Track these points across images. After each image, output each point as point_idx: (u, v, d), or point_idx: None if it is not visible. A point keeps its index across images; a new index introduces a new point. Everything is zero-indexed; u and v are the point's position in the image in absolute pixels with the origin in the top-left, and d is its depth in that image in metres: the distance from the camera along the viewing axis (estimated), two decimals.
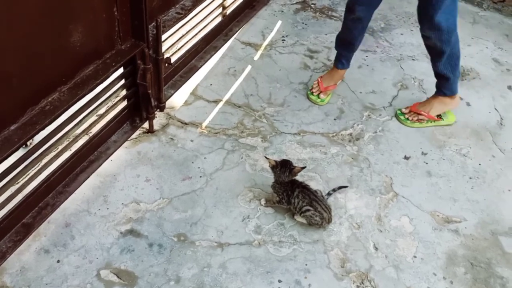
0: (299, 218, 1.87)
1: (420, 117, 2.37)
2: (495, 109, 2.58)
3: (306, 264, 1.75)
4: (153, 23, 1.93)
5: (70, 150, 1.80)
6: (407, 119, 2.38)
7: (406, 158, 2.23)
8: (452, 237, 1.91)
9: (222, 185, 1.99)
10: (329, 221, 1.84)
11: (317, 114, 2.40)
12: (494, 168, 2.23)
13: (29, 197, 1.63)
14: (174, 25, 2.11)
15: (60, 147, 1.73)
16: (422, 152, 2.27)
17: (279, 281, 1.69)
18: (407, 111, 2.41)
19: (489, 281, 1.77)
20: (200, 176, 2.01)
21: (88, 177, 1.86)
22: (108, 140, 2.00)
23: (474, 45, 3.03)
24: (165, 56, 2.07)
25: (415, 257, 1.83)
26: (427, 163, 2.22)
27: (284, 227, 1.87)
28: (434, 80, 2.64)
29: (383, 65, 2.79)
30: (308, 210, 1.79)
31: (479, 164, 2.25)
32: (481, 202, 2.07)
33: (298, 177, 1.87)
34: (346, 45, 2.39)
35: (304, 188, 1.82)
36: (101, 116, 1.90)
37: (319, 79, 2.47)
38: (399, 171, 2.16)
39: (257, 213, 1.91)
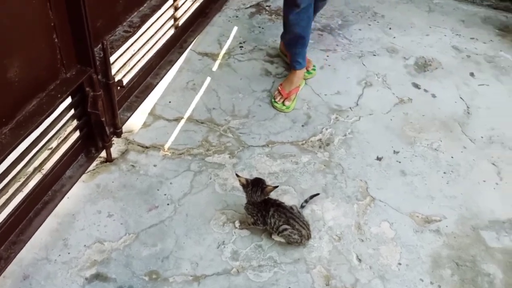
0: (277, 238, 1.77)
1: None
2: (461, 98, 2.56)
3: (289, 287, 1.65)
4: (99, 46, 1.78)
5: (22, 192, 1.64)
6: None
7: (378, 159, 2.17)
8: (434, 238, 1.86)
9: (192, 210, 1.87)
10: (309, 237, 1.76)
11: (284, 122, 2.31)
12: (467, 160, 2.20)
13: None
14: (123, 45, 1.97)
15: (10, 191, 1.57)
16: (394, 151, 2.22)
17: None
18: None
19: (476, 280, 1.73)
20: (168, 204, 1.89)
21: (44, 220, 1.70)
22: (63, 176, 1.84)
23: (432, 34, 3.02)
24: (117, 78, 1.93)
25: (399, 264, 1.76)
26: (400, 162, 2.17)
27: (262, 249, 1.77)
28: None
29: (345, 63, 2.72)
30: (286, 229, 1.70)
31: (452, 157, 2.21)
32: (458, 197, 2.03)
33: (272, 193, 1.76)
34: (298, 42, 2.31)
35: (279, 206, 1.72)
36: (53, 151, 1.74)
37: (279, 87, 2.39)
38: (373, 174, 2.10)
39: (232, 237, 1.80)
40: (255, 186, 1.69)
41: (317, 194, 1.95)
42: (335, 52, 2.81)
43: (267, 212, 1.71)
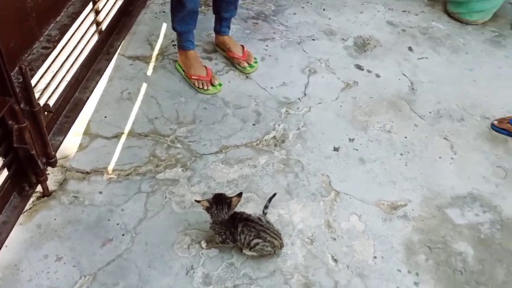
0: (248, 252, 1.66)
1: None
2: (403, 74, 2.56)
3: None
4: (16, 70, 1.55)
5: None
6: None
7: (335, 149, 2.11)
8: (403, 224, 1.84)
9: (152, 237, 1.71)
10: (281, 246, 1.66)
11: (233, 123, 2.18)
12: (420, 138, 2.20)
13: None
14: (43, 63, 1.73)
15: None
16: (349, 139, 2.17)
17: None
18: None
19: (450, 261, 1.73)
20: (123, 234, 1.71)
21: None
22: None
23: (366, 11, 3.00)
24: (42, 102, 1.70)
25: (375, 257, 1.72)
26: (357, 150, 2.12)
27: (234, 267, 1.65)
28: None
29: (285, 52, 2.63)
30: (257, 243, 1.59)
31: (405, 137, 2.20)
32: (418, 177, 2.03)
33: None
34: (190, 18, 2.19)
35: (246, 220, 1.61)
36: None
37: (193, 77, 2.30)
38: (333, 166, 2.04)
39: (201, 259, 1.66)
40: (219, 204, 1.55)
41: (274, 195, 1.84)
42: (274, 41, 2.70)
43: (235, 229, 1.59)
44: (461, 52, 2.73)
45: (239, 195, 1.60)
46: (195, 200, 1.59)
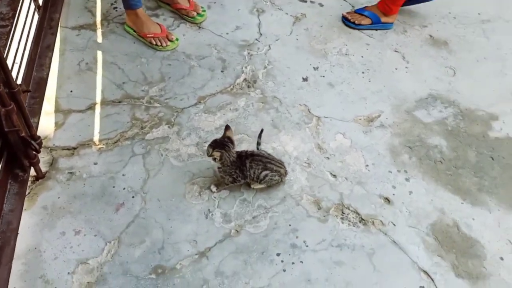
0: (256, 186, 1.76)
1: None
2: (344, 0, 2.69)
3: (289, 225, 1.69)
4: None
5: None
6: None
7: (304, 79, 2.23)
8: (382, 132, 2.03)
9: (161, 193, 1.75)
10: (286, 174, 1.78)
11: (202, 74, 2.21)
12: (375, 55, 2.38)
13: None
14: (8, 42, 1.64)
15: None
16: (314, 68, 2.29)
17: (278, 254, 1.62)
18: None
19: (429, 154, 1.95)
20: (133, 197, 1.73)
21: (10, 268, 1.45)
22: (3, 213, 1.56)
23: None
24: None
25: (367, 165, 1.90)
26: (323, 76, 2.26)
27: (248, 201, 1.75)
28: None
29: None
30: (267, 174, 1.69)
31: (362, 57, 2.37)
32: (383, 89, 2.21)
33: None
34: None
35: (252, 156, 1.70)
36: None
37: (148, 35, 2.27)
38: (307, 95, 2.16)
39: (215, 202, 1.74)
40: (226, 146, 1.63)
41: (262, 130, 1.90)
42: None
43: (244, 166, 1.67)
44: None
45: (227, 127, 1.68)
46: (209, 153, 1.63)
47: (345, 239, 1.67)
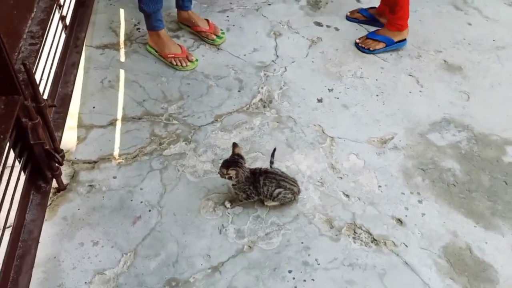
0: (270, 203, 1.80)
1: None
2: (359, 24, 2.75)
3: (302, 243, 1.72)
4: (19, 67, 1.55)
5: None
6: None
7: (319, 101, 2.28)
8: (395, 154, 2.05)
9: (177, 208, 1.79)
10: (299, 192, 1.81)
11: (220, 93, 2.28)
12: (389, 78, 2.42)
13: None
14: (36, 60, 1.73)
15: None
16: (329, 89, 2.34)
17: (289, 271, 1.64)
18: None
19: (442, 177, 1.97)
20: (149, 210, 1.78)
21: (30, 275, 1.50)
22: (25, 222, 1.62)
23: None
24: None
25: (380, 186, 1.93)
26: (338, 98, 2.30)
27: (261, 218, 1.79)
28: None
29: (247, 19, 2.73)
30: (280, 192, 1.73)
31: (376, 80, 2.41)
32: (397, 112, 2.25)
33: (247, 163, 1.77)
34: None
35: (266, 173, 1.74)
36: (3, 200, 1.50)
37: (169, 56, 2.36)
38: (321, 115, 2.20)
39: (229, 218, 1.78)
40: (238, 163, 1.67)
41: (275, 149, 1.93)
42: (233, 11, 2.79)
43: (257, 183, 1.71)
44: None
45: (234, 145, 1.74)
46: (223, 174, 1.67)
47: (357, 259, 1.68)
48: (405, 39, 2.53)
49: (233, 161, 1.71)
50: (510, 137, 2.15)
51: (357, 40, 2.58)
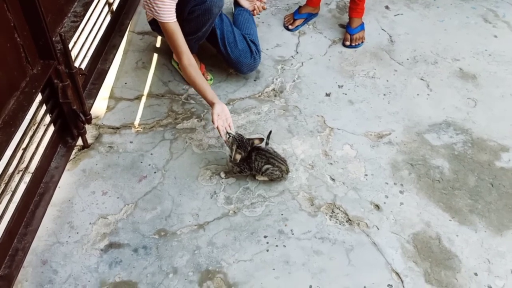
0: (260, 178, 1.99)
1: None
2: (382, 29, 2.88)
3: (282, 214, 1.90)
4: (56, 38, 1.86)
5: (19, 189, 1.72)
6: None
7: (327, 95, 2.44)
8: (388, 149, 2.17)
9: (179, 173, 2.04)
10: (288, 171, 2.00)
11: (237, 81, 2.50)
12: (400, 80, 2.53)
13: None
14: (74, 35, 2.04)
15: (11, 189, 1.65)
16: (339, 86, 2.49)
17: (265, 236, 1.83)
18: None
19: (429, 173, 2.07)
20: (155, 172, 2.04)
21: (45, 210, 1.80)
22: (49, 168, 1.93)
23: None
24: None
25: (366, 175, 2.06)
26: (346, 94, 2.45)
27: (250, 190, 1.99)
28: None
29: (276, 18, 2.94)
30: (268, 168, 1.92)
31: (387, 81, 2.53)
32: (400, 112, 2.36)
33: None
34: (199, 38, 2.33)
35: (258, 149, 1.94)
36: (36, 147, 1.82)
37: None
38: (326, 108, 2.36)
39: (221, 186, 2.00)
40: (246, 149, 1.89)
41: (270, 132, 2.11)
42: (265, 9, 3.00)
43: (250, 158, 1.92)
44: (433, 6, 3.06)
45: (261, 139, 1.96)
46: (229, 147, 1.90)
47: (328, 234, 1.84)
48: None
49: (245, 146, 1.90)
50: (508, 144, 2.20)
51: (345, 43, 2.75)
